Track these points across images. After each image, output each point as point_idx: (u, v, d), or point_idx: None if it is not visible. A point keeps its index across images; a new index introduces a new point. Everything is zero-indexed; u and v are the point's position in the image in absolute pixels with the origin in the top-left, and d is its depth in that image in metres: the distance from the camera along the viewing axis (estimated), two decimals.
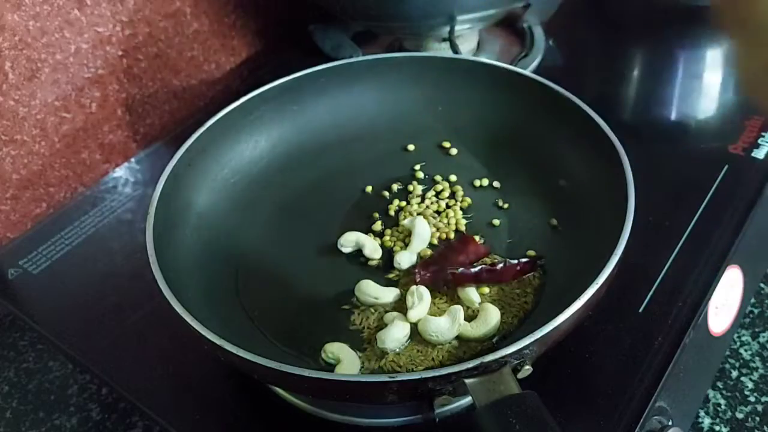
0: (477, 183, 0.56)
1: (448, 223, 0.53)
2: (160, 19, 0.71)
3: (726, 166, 0.58)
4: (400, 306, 0.47)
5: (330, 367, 0.43)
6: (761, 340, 0.57)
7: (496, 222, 0.53)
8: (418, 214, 0.53)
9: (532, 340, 0.37)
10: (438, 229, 0.52)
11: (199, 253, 0.51)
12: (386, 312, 0.46)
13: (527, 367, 0.38)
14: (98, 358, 0.51)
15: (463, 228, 0.52)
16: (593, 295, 0.39)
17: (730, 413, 0.52)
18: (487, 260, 0.49)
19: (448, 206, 0.54)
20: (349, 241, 0.51)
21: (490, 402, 0.35)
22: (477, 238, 0.51)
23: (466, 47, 0.73)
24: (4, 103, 0.61)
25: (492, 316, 0.43)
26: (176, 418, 0.47)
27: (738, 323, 0.55)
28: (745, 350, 0.56)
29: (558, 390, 0.43)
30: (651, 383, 0.45)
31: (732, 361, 0.56)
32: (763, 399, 0.53)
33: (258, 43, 0.83)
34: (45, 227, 0.63)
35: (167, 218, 0.48)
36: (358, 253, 0.51)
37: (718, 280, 0.50)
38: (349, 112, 0.61)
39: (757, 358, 0.56)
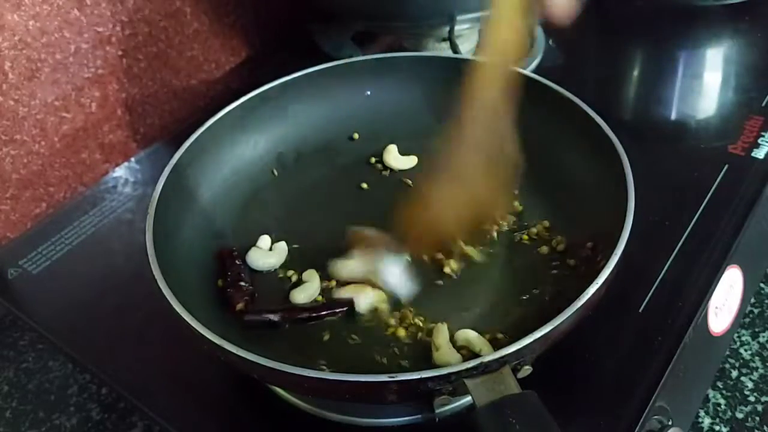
0: None
1: None
2: (160, 19, 0.71)
3: (726, 166, 0.58)
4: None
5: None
6: (761, 340, 0.57)
7: (496, 220, 0.53)
8: None
9: (532, 339, 0.37)
10: None
11: (200, 252, 0.51)
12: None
13: (527, 367, 0.38)
14: (98, 358, 0.51)
15: None
16: (593, 295, 0.39)
17: (730, 413, 0.52)
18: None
19: None
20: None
21: (490, 402, 0.35)
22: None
23: (466, 47, 0.73)
24: (4, 103, 0.61)
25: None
26: (176, 418, 0.47)
27: (738, 323, 0.55)
28: (745, 350, 0.56)
29: (558, 390, 0.43)
30: (651, 383, 0.45)
31: (732, 361, 0.56)
32: (763, 399, 0.53)
33: (258, 43, 0.83)
34: (45, 227, 0.63)
35: (167, 218, 0.48)
36: None
37: (718, 280, 0.50)
38: (349, 112, 0.61)
39: (757, 358, 0.56)
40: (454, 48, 0.68)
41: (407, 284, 0.47)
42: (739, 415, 0.52)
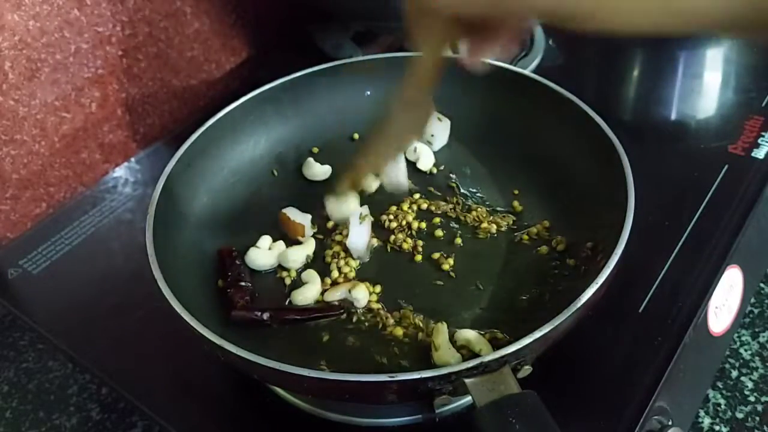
0: (476, 183, 0.56)
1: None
2: (160, 19, 0.71)
3: (726, 166, 0.58)
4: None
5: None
6: (761, 340, 0.57)
7: (496, 220, 0.53)
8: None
9: (532, 339, 0.37)
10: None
11: (200, 252, 0.51)
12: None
13: (527, 366, 0.38)
14: (98, 358, 0.51)
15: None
16: (593, 295, 0.39)
17: (730, 413, 0.52)
18: None
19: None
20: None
21: (490, 401, 0.35)
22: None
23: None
24: (4, 103, 0.61)
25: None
26: (176, 418, 0.47)
27: (738, 323, 0.55)
28: (745, 350, 0.56)
29: (558, 390, 0.43)
30: (651, 383, 0.45)
31: (732, 361, 0.56)
32: (763, 399, 0.53)
33: (258, 43, 0.82)
34: (45, 227, 0.63)
35: (167, 218, 0.49)
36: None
37: (718, 280, 0.50)
38: (348, 112, 0.61)
39: (757, 358, 0.56)
40: (454, 48, 0.68)
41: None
42: (739, 415, 0.52)
